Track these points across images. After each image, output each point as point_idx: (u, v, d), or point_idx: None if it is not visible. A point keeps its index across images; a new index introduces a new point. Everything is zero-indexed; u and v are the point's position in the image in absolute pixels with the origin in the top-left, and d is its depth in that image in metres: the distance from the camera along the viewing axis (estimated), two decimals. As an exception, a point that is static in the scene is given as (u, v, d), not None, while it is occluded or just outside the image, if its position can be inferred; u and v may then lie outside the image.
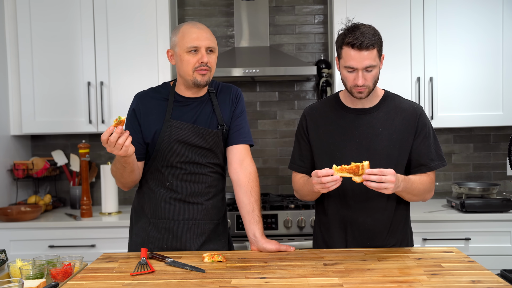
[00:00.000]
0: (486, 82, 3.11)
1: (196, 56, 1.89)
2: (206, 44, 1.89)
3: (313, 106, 2.08)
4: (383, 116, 1.95)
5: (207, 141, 1.96)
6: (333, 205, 2.00)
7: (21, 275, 1.62)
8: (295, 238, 2.93)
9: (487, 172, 3.50)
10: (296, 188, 2.07)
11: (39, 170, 3.29)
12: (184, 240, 1.97)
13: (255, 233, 1.92)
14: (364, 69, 1.83)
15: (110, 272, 1.69)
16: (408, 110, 1.96)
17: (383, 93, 2.01)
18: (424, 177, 1.92)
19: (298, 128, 2.09)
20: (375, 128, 1.93)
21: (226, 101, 2.03)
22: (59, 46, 3.18)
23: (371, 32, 1.83)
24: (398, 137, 1.93)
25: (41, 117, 3.20)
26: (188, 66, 1.89)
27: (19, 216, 2.97)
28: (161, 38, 3.16)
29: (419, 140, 1.94)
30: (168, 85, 2.04)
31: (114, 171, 1.94)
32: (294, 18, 3.56)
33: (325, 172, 1.72)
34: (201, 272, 1.65)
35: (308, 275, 1.60)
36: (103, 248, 2.92)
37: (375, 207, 1.94)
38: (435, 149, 1.96)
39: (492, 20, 3.10)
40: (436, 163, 1.95)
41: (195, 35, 1.89)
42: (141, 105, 1.99)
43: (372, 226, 1.95)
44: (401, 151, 1.93)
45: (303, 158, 2.05)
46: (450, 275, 1.58)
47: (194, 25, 1.93)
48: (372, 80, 1.86)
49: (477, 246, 2.88)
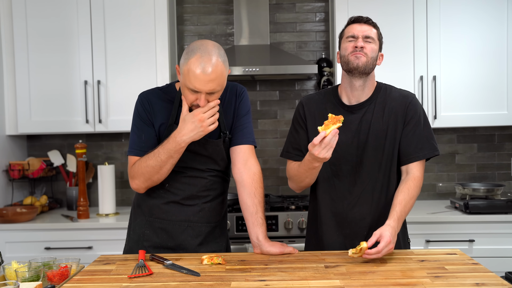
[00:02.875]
0: (491, 80, 3.12)
1: (195, 95, 1.81)
2: (207, 89, 1.78)
3: (310, 97, 2.12)
4: (375, 108, 1.99)
5: (207, 149, 1.95)
6: (325, 200, 2.04)
7: (17, 277, 1.62)
8: (295, 240, 2.93)
9: (491, 173, 3.51)
10: (292, 175, 2.05)
11: (35, 170, 3.30)
12: (179, 240, 1.99)
13: (258, 236, 1.91)
14: (364, 40, 1.93)
15: (107, 274, 1.69)
16: (398, 99, 2.00)
17: (375, 84, 2.05)
18: (410, 190, 1.90)
19: (294, 116, 2.11)
20: (368, 122, 1.98)
21: (232, 101, 2.01)
22: (56, 43, 3.18)
23: (373, 22, 2.00)
24: (388, 127, 1.97)
25: (37, 116, 3.20)
26: (186, 100, 1.84)
27: (14, 217, 2.97)
28: (159, 35, 3.16)
29: (408, 128, 1.97)
30: (174, 88, 2.01)
31: (151, 167, 1.85)
32: (295, 15, 3.56)
33: (319, 137, 1.72)
34: (196, 275, 1.65)
35: (309, 277, 1.60)
36: (100, 250, 2.92)
37: (364, 200, 1.99)
38: (426, 137, 1.97)
39: (497, 17, 3.10)
40: (425, 152, 1.96)
41: (198, 80, 1.75)
42: (149, 104, 1.95)
43: (360, 219, 1.99)
44: (392, 142, 1.97)
45: (299, 146, 2.07)
46: (454, 277, 1.58)
47: (200, 63, 1.74)
48: (370, 52, 1.93)
49: (481, 248, 2.89)
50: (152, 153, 1.86)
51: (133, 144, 1.95)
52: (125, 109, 3.16)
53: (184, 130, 1.80)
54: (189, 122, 1.79)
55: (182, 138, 1.81)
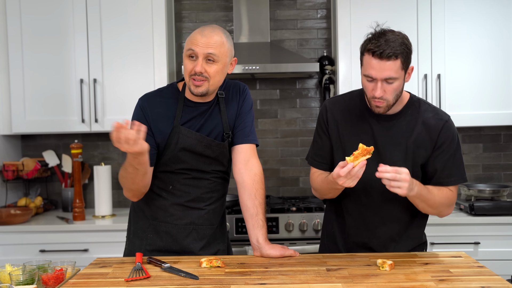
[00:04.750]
0: (497, 79, 3.11)
1: (193, 63, 1.83)
2: (203, 51, 1.80)
3: (335, 100, 2.02)
4: (404, 125, 1.89)
5: (214, 151, 1.96)
6: (352, 207, 1.98)
7: (11, 281, 1.62)
8: (296, 243, 2.93)
9: (497, 174, 3.50)
10: (316, 186, 2.01)
11: (30, 171, 3.30)
12: (183, 244, 1.99)
13: (258, 238, 1.91)
14: (384, 80, 1.76)
15: (104, 277, 1.69)
16: (431, 122, 1.89)
17: (408, 98, 1.93)
18: (443, 190, 1.88)
19: (318, 120, 2.03)
20: (394, 137, 1.89)
21: (235, 99, 2.01)
22: (51, 41, 3.18)
23: (397, 41, 1.75)
24: (416, 148, 1.88)
25: (31, 116, 3.20)
26: (185, 72, 1.86)
27: (8, 219, 2.97)
28: (157, 33, 3.16)
29: (437, 153, 1.87)
30: (175, 87, 2.00)
31: (125, 178, 1.87)
32: (296, 12, 3.56)
33: (346, 169, 1.68)
34: (195, 279, 1.65)
35: (311, 280, 1.60)
36: (96, 253, 2.92)
37: (389, 216, 1.93)
38: (456, 165, 1.89)
39: (503, 13, 3.10)
40: (453, 178, 1.89)
41: (195, 39, 1.81)
42: (149, 108, 1.94)
43: (384, 234, 1.95)
44: (417, 163, 1.89)
45: (324, 153, 2.00)
46: (459, 281, 1.58)
47: (203, 29, 1.84)
48: (392, 94, 1.79)
49: (486, 250, 2.89)
50: (124, 165, 1.86)
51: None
52: (122, 108, 3.16)
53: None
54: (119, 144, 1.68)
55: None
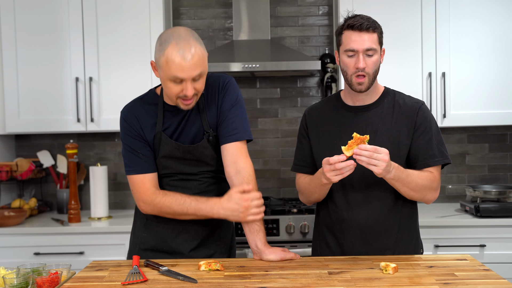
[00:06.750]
0: (503, 77, 3.11)
1: (180, 86, 1.79)
2: (191, 75, 1.76)
3: (313, 106, 2.18)
4: (382, 112, 2.02)
5: (194, 155, 1.95)
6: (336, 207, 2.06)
7: (5, 284, 1.62)
8: (297, 245, 2.93)
9: (503, 174, 3.50)
10: (301, 189, 2.12)
11: (24, 172, 3.30)
12: (172, 245, 2.00)
13: (256, 243, 1.90)
14: (365, 53, 1.90)
15: (100, 281, 1.69)
16: (407, 105, 2.02)
17: (383, 89, 2.08)
18: (425, 173, 1.96)
19: (299, 128, 2.19)
20: (374, 125, 2.00)
21: (214, 96, 1.97)
22: (45, 38, 3.18)
23: (371, 18, 1.95)
24: (397, 133, 1.99)
25: (25, 115, 3.20)
26: (171, 94, 1.82)
27: (2, 221, 2.97)
28: (154, 30, 3.16)
29: (417, 134, 1.99)
30: (154, 92, 2.00)
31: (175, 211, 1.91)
32: (297, 9, 3.56)
33: (336, 158, 1.78)
34: (193, 282, 1.65)
35: (312, 284, 1.60)
36: (92, 256, 2.92)
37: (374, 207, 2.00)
38: (436, 145, 1.99)
39: (509, 11, 3.10)
40: (437, 159, 1.98)
41: (180, 66, 1.74)
42: (132, 118, 1.96)
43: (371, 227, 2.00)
44: (399, 148, 1.98)
45: (306, 158, 2.13)
46: (464, 284, 1.58)
47: (179, 50, 1.73)
48: (372, 68, 1.93)
49: (492, 253, 2.89)
50: (182, 200, 1.88)
51: (132, 163, 1.95)
52: (119, 107, 3.10)
53: (225, 205, 1.83)
54: (234, 203, 1.81)
55: (219, 211, 1.84)
